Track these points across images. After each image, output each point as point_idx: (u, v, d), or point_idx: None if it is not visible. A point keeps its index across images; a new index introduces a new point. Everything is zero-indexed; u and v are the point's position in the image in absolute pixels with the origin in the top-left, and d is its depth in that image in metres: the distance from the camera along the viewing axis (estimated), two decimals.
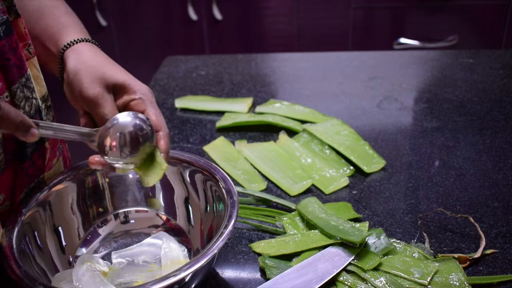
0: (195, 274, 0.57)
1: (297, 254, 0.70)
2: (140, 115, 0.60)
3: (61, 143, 0.74)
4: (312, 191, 0.84)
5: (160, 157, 0.61)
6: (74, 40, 0.67)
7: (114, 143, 0.58)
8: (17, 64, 0.61)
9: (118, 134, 0.58)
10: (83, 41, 0.67)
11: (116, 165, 0.61)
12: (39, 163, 0.67)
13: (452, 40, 1.88)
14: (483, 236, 0.71)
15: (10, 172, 0.63)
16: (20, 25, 0.63)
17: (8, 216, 0.64)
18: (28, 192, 0.67)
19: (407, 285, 0.64)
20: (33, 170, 0.66)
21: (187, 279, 0.58)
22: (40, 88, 0.67)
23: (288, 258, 0.70)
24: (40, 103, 0.66)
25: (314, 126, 0.98)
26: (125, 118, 0.60)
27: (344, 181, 0.85)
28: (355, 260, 0.67)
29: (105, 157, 0.60)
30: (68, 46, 0.67)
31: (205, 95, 1.16)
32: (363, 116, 1.05)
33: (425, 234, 0.73)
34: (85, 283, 0.62)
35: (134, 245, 0.71)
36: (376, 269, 0.66)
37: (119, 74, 0.64)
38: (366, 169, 0.87)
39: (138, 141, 0.59)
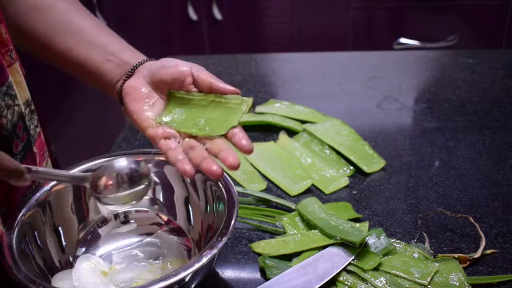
0: (195, 274, 0.57)
1: (297, 254, 0.70)
2: (134, 160, 0.63)
3: (46, 145, 0.72)
4: (312, 191, 0.84)
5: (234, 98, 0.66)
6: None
7: (110, 182, 0.60)
8: None
9: (114, 174, 0.60)
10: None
11: (110, 207, 0.64)
12: None
13: (452, 40, 1.88)
14: (483, 236, 0.71)
15: None
16: (2, 31, 0.61)
17: (6, 218, 0.63)
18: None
19: (407, 285, 0.64)
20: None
21: (187, 279, 0.58)
22: (23, 93, 0.65)
23: (288, 258, 0.70)
24: (23, 109, 0.64)
25: (314, 126, 0.98)
26: (120, 162, 0.62)
27: (344, 181, 0.85)
28: (355, 260, 0.67)
29: (99, 197, 0.61)
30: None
31: None
32: (363, 116, 1.05)
33: (425, 234, 0.73)
34: (85, 283, 0.62)
35: (134, 245, 0.71)
36: (376, 269, 0.66)
37: None
38: (366, 169, 0.87)
39: (134, 181, 0.61)
